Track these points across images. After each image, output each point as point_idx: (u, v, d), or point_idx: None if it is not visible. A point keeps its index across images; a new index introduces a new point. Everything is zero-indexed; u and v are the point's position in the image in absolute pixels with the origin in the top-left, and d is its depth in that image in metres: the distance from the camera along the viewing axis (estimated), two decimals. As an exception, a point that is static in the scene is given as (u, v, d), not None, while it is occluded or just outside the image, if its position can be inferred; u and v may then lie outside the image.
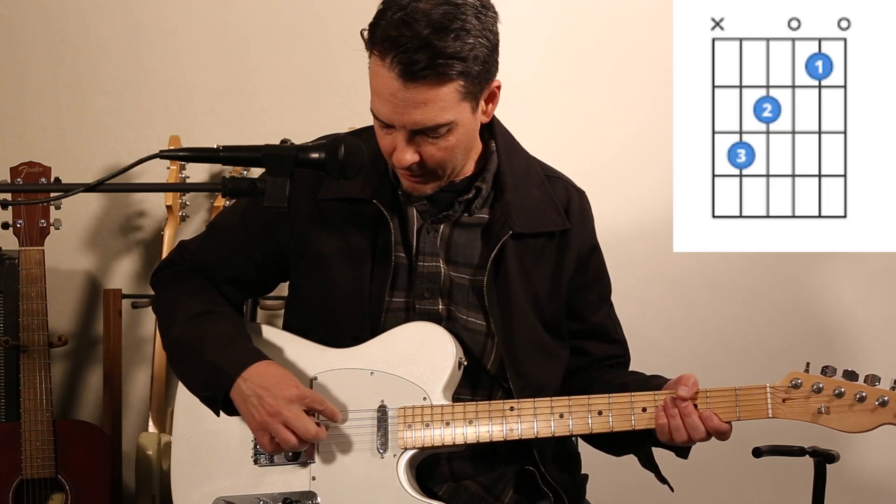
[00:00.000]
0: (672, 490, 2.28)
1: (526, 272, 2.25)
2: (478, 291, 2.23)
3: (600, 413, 2.13)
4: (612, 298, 2.45)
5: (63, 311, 3.60)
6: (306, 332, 2.30)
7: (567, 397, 2.15)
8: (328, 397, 2.20)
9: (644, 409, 2.13)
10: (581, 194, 2.37)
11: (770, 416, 2.09)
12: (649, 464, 2.26)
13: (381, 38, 2.04)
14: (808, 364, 2.10)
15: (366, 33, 2.09)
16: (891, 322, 3.38)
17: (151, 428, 3.31)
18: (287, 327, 2.38)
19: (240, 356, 2.16)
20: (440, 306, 2.24)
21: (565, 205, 2.31)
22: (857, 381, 2.07)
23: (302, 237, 2.27)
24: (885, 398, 2.04)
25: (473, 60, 2.05)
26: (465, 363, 2.21)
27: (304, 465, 2.21)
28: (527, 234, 2.24)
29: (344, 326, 2.24)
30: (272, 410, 2.11)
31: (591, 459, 2.45)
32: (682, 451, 2.22)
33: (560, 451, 2.32)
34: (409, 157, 2.11)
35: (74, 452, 3.17)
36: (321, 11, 3.57)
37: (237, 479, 2.23)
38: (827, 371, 2.09)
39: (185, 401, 2.29)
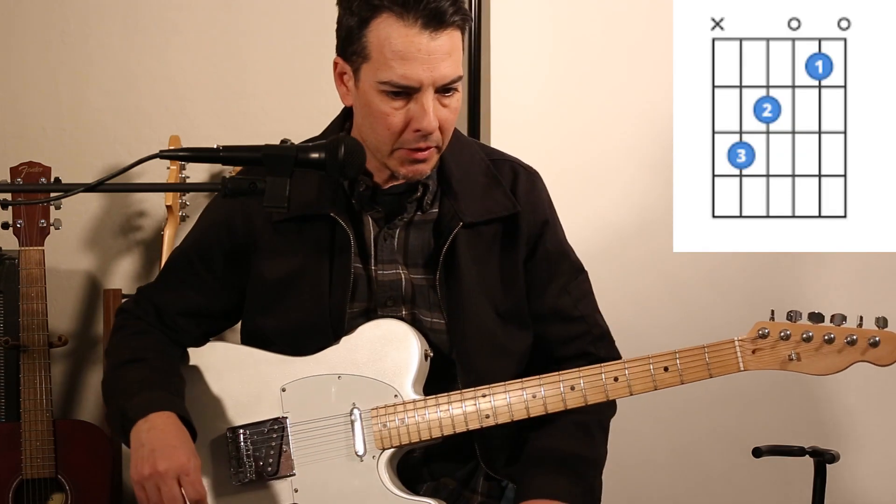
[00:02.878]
0: None
1: (479, 263, 2.22)
2: (433, 290, 2.22)
3: (573, 388, 2.12)
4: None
5: (63, 311, 3.59)
6: (266, 346, 2.28)
7: (538, 377, 2.14)
8: (299, 406, 2.19)
9: (616, 379, 2.11)
10: (529, 172, 2.32)
11: (741, 369, 2.08)
12: None
13: None
14: (772, 312, 2.08)
15: (359, 7, 2.07)
16: (891, 322, 3.37)
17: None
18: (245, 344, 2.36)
19: (144, 402, 2.13)
20: (403, 312, 2.23)
21: (511, 186, 2.27)
22: (823, 322, 2.05)
23: (259, 260, 2.26)
24: (854, 336, 2.02)
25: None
26: (432, 354, 2.20)
27: (285, 478, 2.20)
28: (478, 222, 2.21)
29: (307, 341, 2.22)
30: (152, 471, 2.06)
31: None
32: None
33: (508, 443, 2.29)
34: (435, 121, 2.09)
35: (74, 452, 3.17)
36: (321, 11, 3.57)
37: (219, 501, 2.22)
38: (793, 316, 2.06)
39: None
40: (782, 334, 2.05)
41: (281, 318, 2.25)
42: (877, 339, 2.02)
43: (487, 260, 2.24)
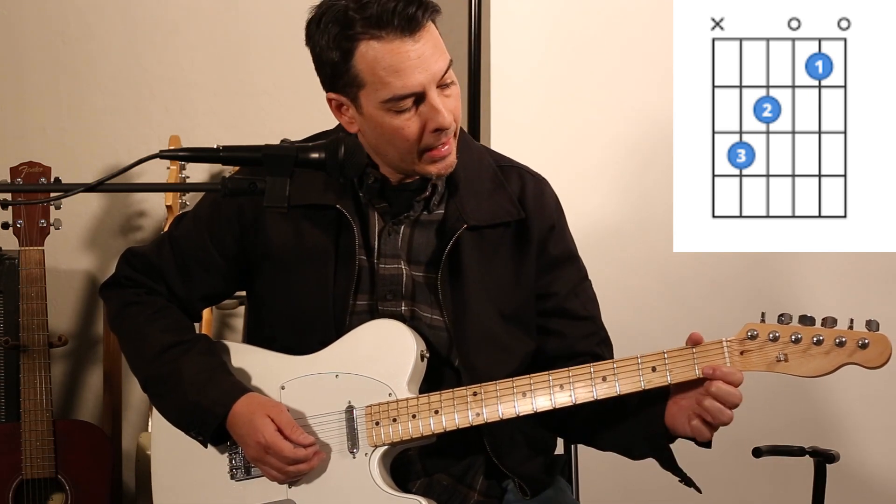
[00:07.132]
0: (700, 492, 2.25)
1: (485, 264, 2.25)
2: (434, 288, 2.24)
3: (562, 387, 2.12)
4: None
5: (63, 311, 3.60)
6: (271, 339, 2.30)
7: (528, 376, 2.14)
8: (297, 404, 2.22)
9: (604, 378, 2.10)
10: (537, 180, 2.34)
11: None
12: (670, 465, 2.23)
13: (368, 18, 2.07)
14: (763, 314, 2.06)
15: (336, 41, 2.11)
16: (891, 322, 3.38)
17: (151, 428, 3.31)
18: (251, 335, 2.39)
19: (221, 396, 2.20)
20: (403, 307, 2.25)
21: (519, 194, 2.29)
22: (814, 325, 2.02)
23: (266, 244, 2.28)
24: (843, 338, 1.99)
25: None
26: (428, 355, 2.22)
27: None
28: (482, 225, 2.24)
29: (309, 331, 2.25)
30: (253, 456, 2.19)
31: (590, 456, 2.44)
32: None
33: (519, 438, 2.29)
34: (448, 115, 2.13)
35: (74, 452, 3.18)
36: (321, 11, 3.57)
37: (217, 497, 2.24)
38: (783, 318, 2.04)
39: (161, 423, 2.30)
40: (771, 336, 2.03)
41: (286, 301, 2.27)
42: (866, 340, 1.99)
43: (493, 263, 2.26)
